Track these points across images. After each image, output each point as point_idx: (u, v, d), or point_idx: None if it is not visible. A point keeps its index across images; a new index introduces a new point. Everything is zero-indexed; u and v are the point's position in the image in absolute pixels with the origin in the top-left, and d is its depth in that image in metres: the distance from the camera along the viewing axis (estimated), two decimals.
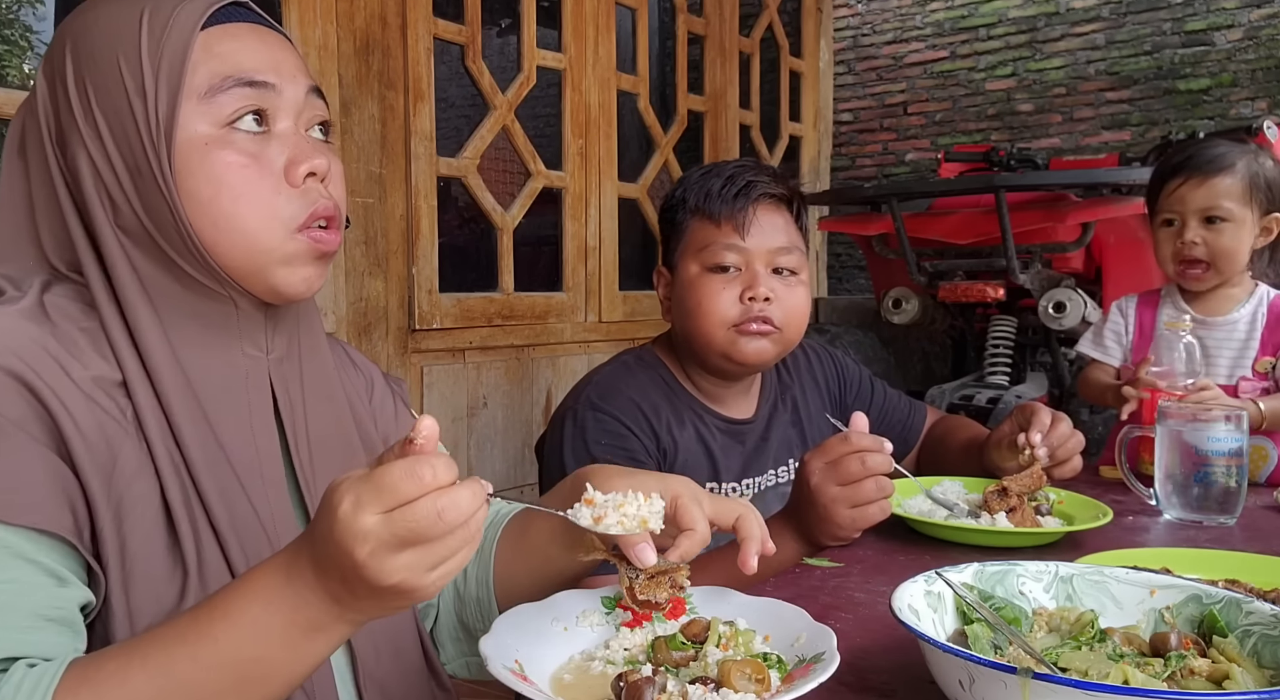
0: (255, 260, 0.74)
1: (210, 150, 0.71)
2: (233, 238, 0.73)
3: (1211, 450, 1.27)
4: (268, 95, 0.74)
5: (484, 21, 2.88)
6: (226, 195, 0.72)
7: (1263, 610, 0.69)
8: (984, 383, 3.33)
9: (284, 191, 0.74)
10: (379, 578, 0.54)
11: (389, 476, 0.54)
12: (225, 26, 0.74)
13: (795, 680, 0.64)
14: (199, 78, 0.71)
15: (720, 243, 1.25)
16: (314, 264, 0.77)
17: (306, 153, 0.75)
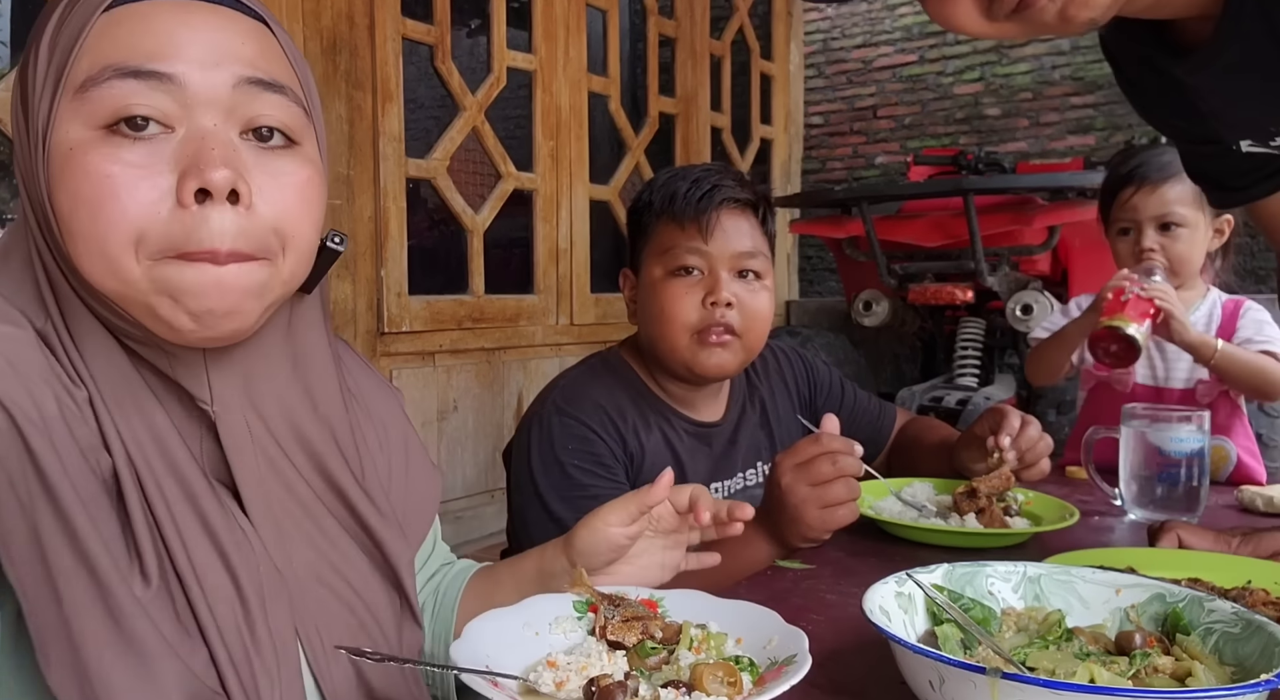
0: (128, 293, 0.59)
1: (73, 156, 0.58)
2: (95, 263, 0.58)
3: (1174, 451, 1.29)
4: (166, 90, 0.58)
5: (453, 22, 2.87)
6: (84, 212, 0.58)
7: (1224, 608, 0.70)
8: (953, 384, 3.36)
9: (163, 214, 0.58)
10: None
11: None
12: (141, 4, 0.60)
13: (767, 683, 0.64)
14: (79, 67, 0.58)
15: (683, 245, 1.25)
16: (207, 291, 0.59)
17: (206, 162, 0.58)
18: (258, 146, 0.62)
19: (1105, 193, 1.68)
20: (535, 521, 1.20)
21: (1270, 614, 0.81)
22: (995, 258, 3.15)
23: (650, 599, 0.77)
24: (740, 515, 0.88)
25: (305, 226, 0.64)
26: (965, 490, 1.23)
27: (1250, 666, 0.64)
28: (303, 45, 2.33)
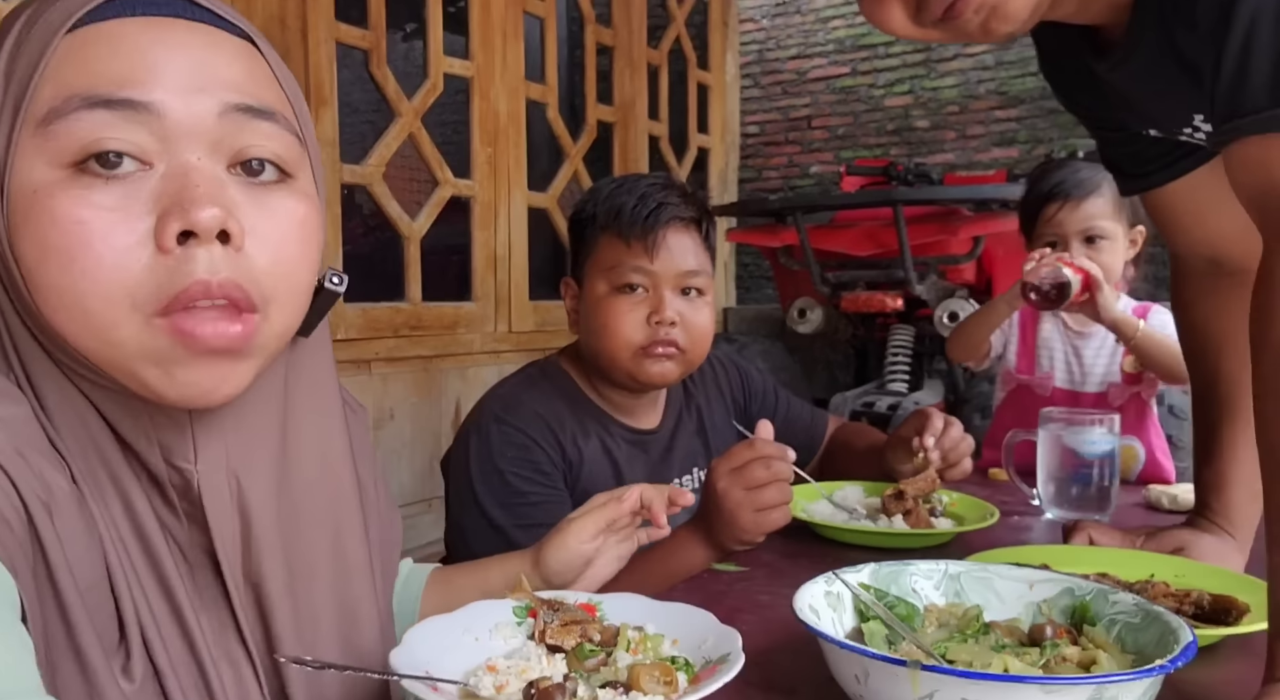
0: (110, 353, 0.53)
1: (37, 199, 0.50)
2: (73, 319, 0.52)
3: (1087, 452, 1.36)
4: (141, 120, 0.51)
5: (388, 26, 2.85)
6: (55, 263, 0.51)
7: (1126, 600, 0.75)
8: (884, 390, 3.45)
9: (143, 260, 0.51)
10: None
11: None
12: (109, 23, 0.52)
13: (702, 681, 0.66)
14: (41, 97, 0.51)
15: (629, 264, 1.26)
16: (204, 363, 0.53)
17: (190, 200, 0.51)
18: (247, 181, 0.56)
19: (1028, 208, 1.75)
20: (474, 529, 1.21)
21: (1170, 605, 0.86)
22: (923, 267, 3.25)
23: (589, 603, 0.79)
24: (682, 502, 0.95)
25: (302, 271, 0.58)
26: (893, 492, 1.28)
27: (1149, 653, 0.69)
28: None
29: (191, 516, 0.60)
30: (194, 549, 0.61)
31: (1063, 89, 1.02)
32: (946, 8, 0.76)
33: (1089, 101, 1.00)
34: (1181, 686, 0.75)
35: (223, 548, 0.60)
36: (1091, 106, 1.01)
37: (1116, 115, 0.97)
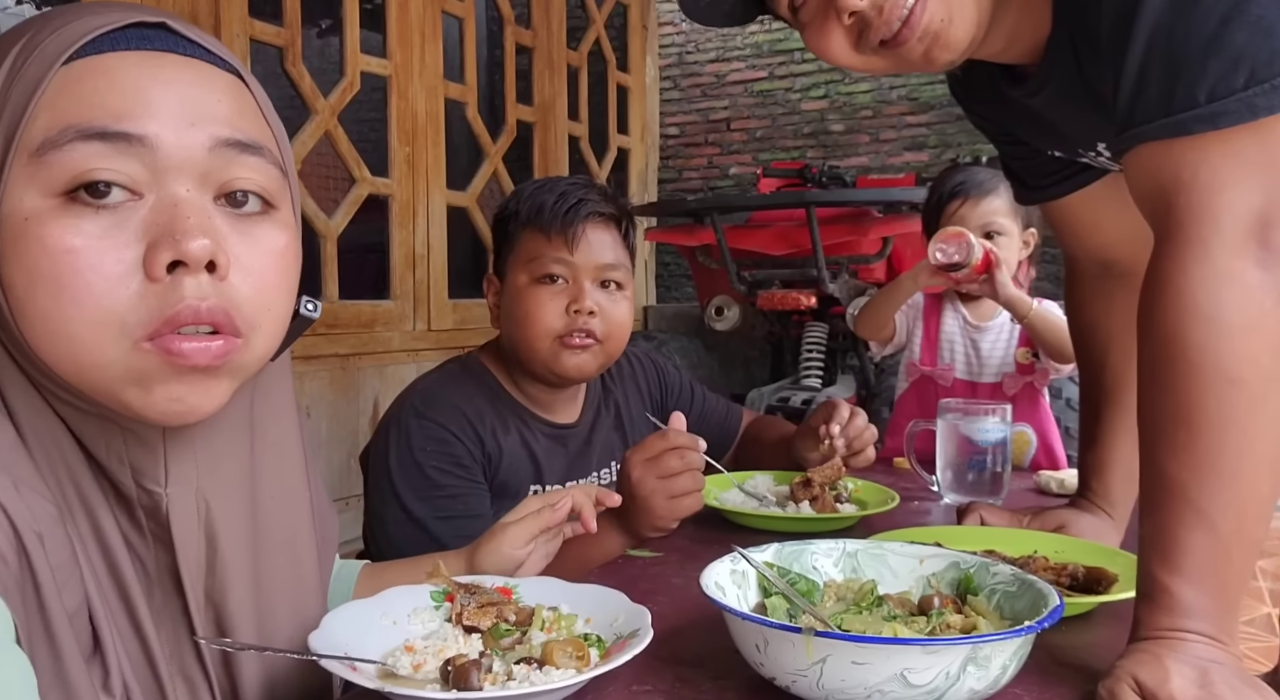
0: (91, 377, 0.54)
1: (29, 228, 0.52)
2: (58, 345, 0.53)
3: (981, 440, 1.44)
4: (134, 152, 0.53)
5: (303, 22, 2.81)
6: (43, 290, 0.52)
7: (1005, 571, 0.81)
8: (799, 385, 3.55)
9: (132, 288, 0.53)
10: None
11: None
12: (104, 56, 0.54)
13: (613, 655, 0.70)
14: (35, 127, 0.52)
15: (549, 255, 1.30)
16: (186, 380, 0.55)
17: (181, 232, 0.53)
18: (232, 213, 0.58)
19: (932, 206, 1.85)
20: (394, 522, 1.22)
21: (1049, 577, 0.94)
22: (836, 266, 3.36)
23: (505, 586, 0.82)
24: (609, 503, 1.02)
25: (281, 298, 0.61)
26: (801, 480, 1.33)
27: (1023, 618, 0.75)
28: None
29: (157, 536, 0.61)
30: (159, 568, 0.62)
31: (968, 102, 1.08)
32: (892, 35, 0.81)
33: (995, 118, 1.07)
34: (1055, 650, 0.82)
35: (186, 568, 0.61)
36: (997, 123, 1.08)
37: (1022, 134, 1.05)
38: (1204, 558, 0.68)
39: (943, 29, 0.81)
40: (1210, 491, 0.67)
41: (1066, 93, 0.86)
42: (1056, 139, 0.99)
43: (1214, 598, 0.68)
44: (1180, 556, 0.68)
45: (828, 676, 0.66)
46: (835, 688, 0.66)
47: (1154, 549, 0.70)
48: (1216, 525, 0.67)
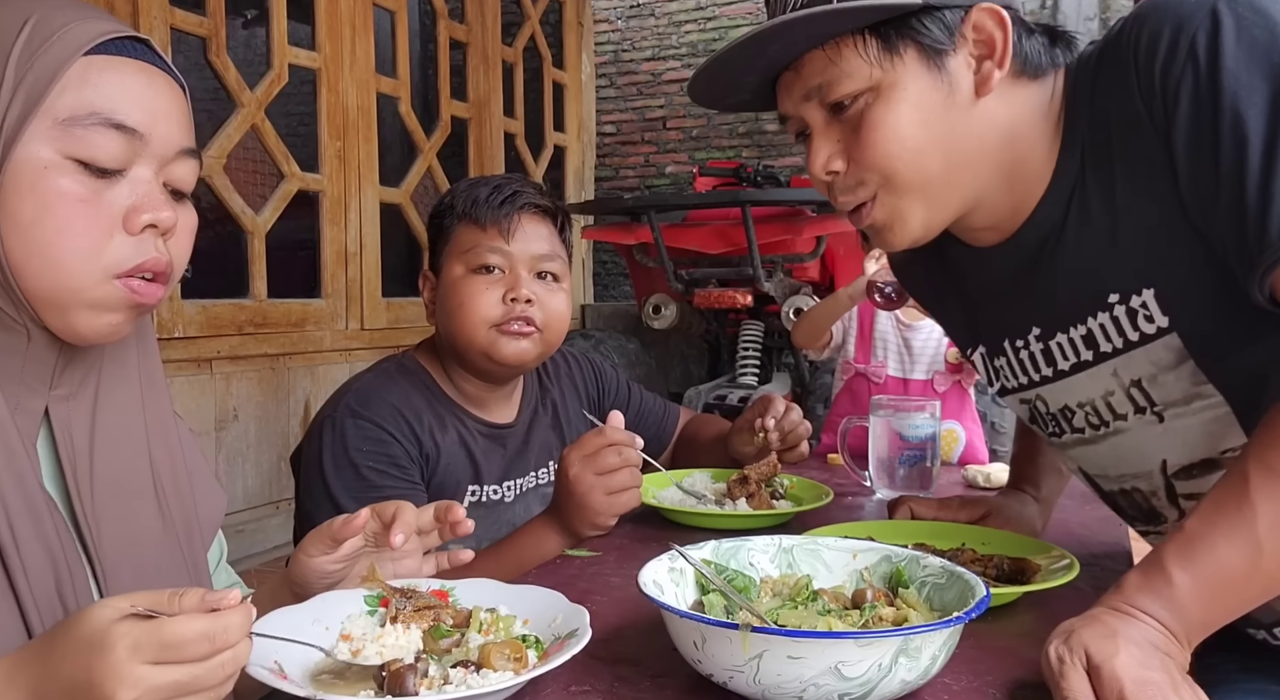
0: (61, 296, 0.69)
1: (47, 175, 0.67)
2: (44, 267, 0.68)
3: (912, 436, 1.47)
4: (132, 142, 0.70)
5: (227, 12, 2.73)
6: (51, 224, 0.67)
7: (934, 563, 0.83)
8: (736, 383, 3.58)
9: (117, 236, 0.70)
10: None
11: (181, 632, 0.55)
12: (114, 58, 0.70)
13: (551, 655, 0.70)
14: (64, 102, 0.67)
15: (485, 245, 1.29)
16: (124, 311, 0.72)
17: (154, 203, 0.71)
18: (170, 195, 0.75)
19: None
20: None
21: (976, 569, 0.96)
22: (771, 264, 3.39)
23: (441, 589, 0.81)
24: (452, 517, 0.88)
25: (187, 260, 0.78)
26: (737, 478, 1.35)
27: (952, 609, 0.77)
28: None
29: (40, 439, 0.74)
30: None
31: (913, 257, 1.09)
32: (849, 211, 0.88)
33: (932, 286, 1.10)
34: (982, 639, 0.84)
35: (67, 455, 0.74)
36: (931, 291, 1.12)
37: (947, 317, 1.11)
38: (1226, 577, 0.69)
39: (884, 229, 0.87)
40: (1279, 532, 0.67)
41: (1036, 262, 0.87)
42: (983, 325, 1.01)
43: (1205, 610, 0.70)
44: (1206, 563, 0.69)
45: (764, 672, 0.67)
46: (771, 683, 0.67)
47: (1184, 543, 0.70)
48: (1261, 561, 0.68)
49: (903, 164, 0.83)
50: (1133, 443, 0.88)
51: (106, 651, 0.54)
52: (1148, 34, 0.75)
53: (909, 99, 0.81)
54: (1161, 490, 0.89)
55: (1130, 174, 0.79)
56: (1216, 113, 0.71)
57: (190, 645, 0.55)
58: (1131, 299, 0.81)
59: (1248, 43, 0.70)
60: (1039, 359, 0.92)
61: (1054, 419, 0.95)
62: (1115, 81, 0.78)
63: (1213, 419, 0.81)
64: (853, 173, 0.86)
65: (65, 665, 0.56)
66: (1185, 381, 0.81)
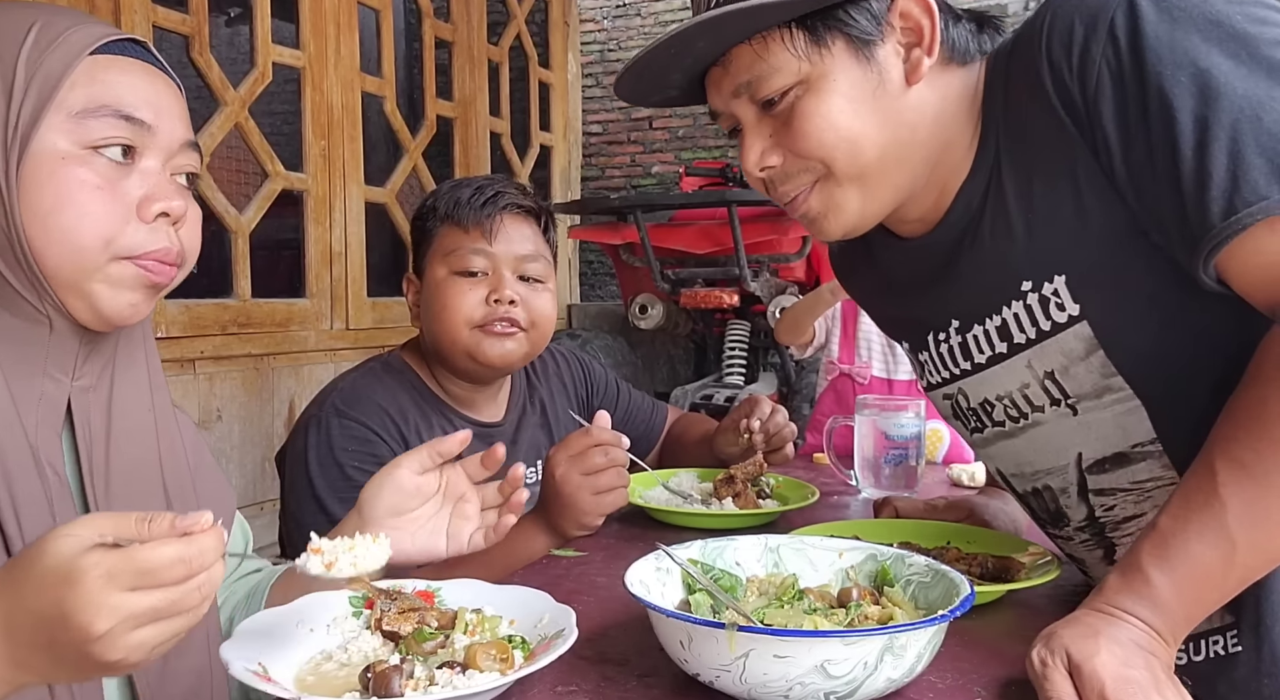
0: (80, 278, 0.73)
1: (65, 165, 0.71)
2: (64, 251, 0.71)
3: (898, 435, 1.48)
4: (141, 133, 0.74)
5: (210, 10, 2.71)
6: (71, 212, 0.71)
7: (919, 562, 0.83)
8: (722, 383, 3.58)
9: (132, 222, 0.74)
10: (105, 653, 0.54)
11: (156, 558, 0.54)
12: (116, 58, 0.75)
13: (537, 656, 0.69)
14: (74, 97, 0.72)
15: (468, 247, 1.29)
16: (142, 290, 0.76)
17: (165, 193, 0.75)
18: (181, 185, 0.79)
19: None
20: (313, 524, 1.18)
21: (961, 568, 0.97)
22: (757, 264, 3.40)
23: (427, 590, 0.81)
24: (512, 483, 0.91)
25: (199, 249, 0.82)
26: (724, 477, 1.35)
27: (937, 607, 0.77)
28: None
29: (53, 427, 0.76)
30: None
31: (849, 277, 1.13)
32: (786, 203, 0.88)
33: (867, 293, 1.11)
34: (967, 637, 0.85)
35: (85, 445, 0.76)
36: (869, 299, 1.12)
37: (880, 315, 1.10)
38: (1203, 573, 0.69)
39: (819, 218, 0.87)
40: (1252, 530, 0.67)
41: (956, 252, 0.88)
42: (907, 319, 1.01)
43: (1186, 607, 0.70)
44: (1181, 561, 0.69)
45: (750, 671, 0.67)
46: (758, 682, 0.67)
47: (1158, 542, 0.70)
48: (1235, 556, 0.68)
49: (840, 152, 0.82)
50: (1050, 435, 0.88)
51: (77, 582, 0.53)
52: (1061, 23, 0.75)
53: (839, 90, 0.81)
54: (1073, 486, 0.89)
55: (1041, 161, 0.79)
56: (1144, 96, 0.70)
57: (166, 570, 0.54)
58: (1044, 286, 0.81)
59: (1168, 22, 0.69)
60: (957, 352, 0.93)
61: (975, 413, 0.95)
62: (1027, 70, 0.78)
63: (1124, 412, 0.81)
64: (790, 163, 0.85)
65: (33, 599, 0.54)
66: (1095, 373, 0.81)
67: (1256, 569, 0.70)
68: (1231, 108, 0.67)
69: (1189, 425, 0.78)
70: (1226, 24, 0.68)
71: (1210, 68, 0.67)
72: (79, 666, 0.56)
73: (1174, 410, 0.80)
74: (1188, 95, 0.68)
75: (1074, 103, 0.75)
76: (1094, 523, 0.90)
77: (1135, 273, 0.77)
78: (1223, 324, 0.76)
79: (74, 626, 0.53)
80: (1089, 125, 0.74)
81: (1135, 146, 0.72)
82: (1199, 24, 0.69)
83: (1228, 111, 0.67)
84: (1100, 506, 0.88)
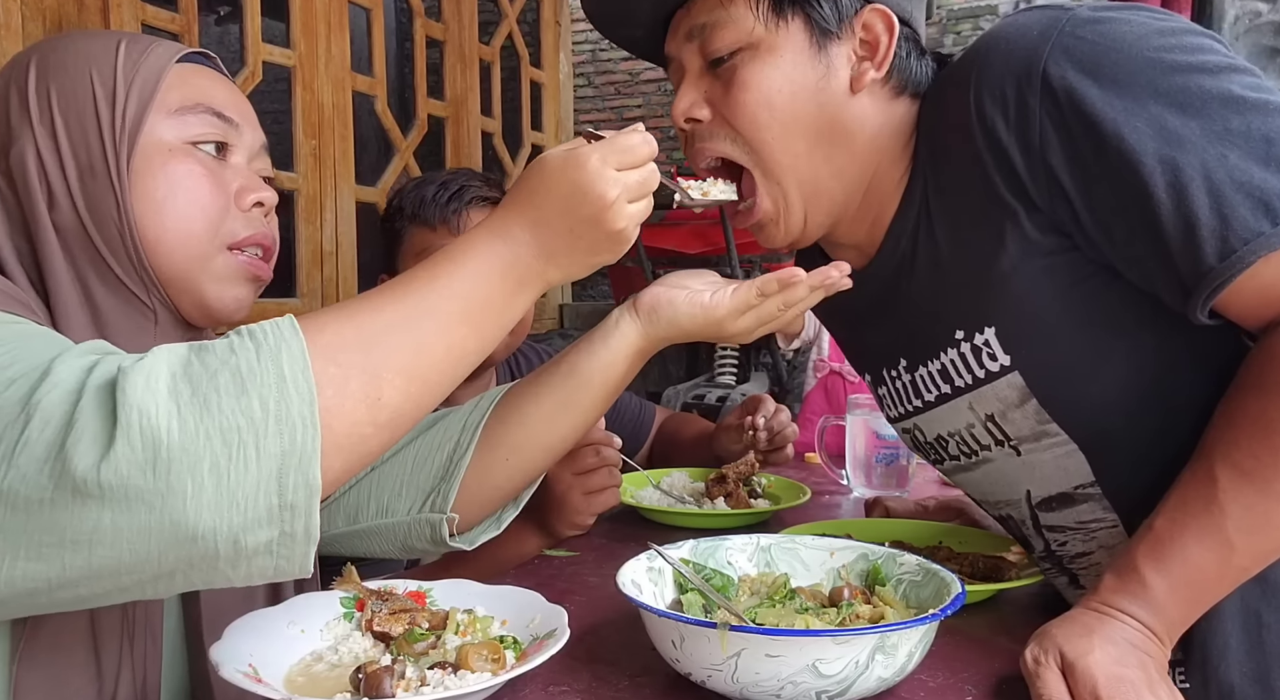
0: (190, 271, 0.77)
1: (174, 156, 0.76)
2: (177, 239, 0.76)
3: (889, 434, 1.48)
4: (231, 131, 0.80)
5: (200, 8, 2.70)
6: (183, 197, 0.76)
7: (910, 561, 0.83)
8: (714, 383, 3.59)
9: (232, 211, 0.79)
10: (615, 221, 0.68)
11: (629, 140, 0.69)
12: (196, 66, 0.81)
13: (529, 656, 0.69)
14: (171, 97, 0.77)
15: (436, 245, 1.29)
16: (246, 285, 0.81)
17: (257, 184, 0.82)
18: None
19: None
20: None
21: (952, 567, 0.97)
22: (749, 264, 3.41)
23: (418, 591, 0.81)
24: None
25: (278, 241, 0.86)
26: (716, 477, 1.35)
27: (928, 606, 0.77)
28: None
29: None
30: None
31: None
32: (740, 213, 0.88)
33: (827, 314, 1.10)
34: (958, 636, 0.85)
35: None
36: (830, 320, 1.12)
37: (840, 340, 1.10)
38: (1199, 576, 0.69)
39: (771, 220, 0.86)
40: (1250, 535, 0.67)
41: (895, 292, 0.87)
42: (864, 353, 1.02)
43: (1181, 608, 0.70)
44: (1177, 563, 0.69)
45: (742, 670, 0.67)
46: (749, 681, 0.67)
47: (1154, 544, 0.70)
48: (1231, 559, 0.68)
49: (770, 134, 0.82)
50: (1001, 471, 0.88)
51: (583, 164, 0.67)
52: (990, 77, 0.73)
53: (783, 68, 0.81)
54: (1029, 520, 0.89)
55: (967, 214, 0.79)
56: (1099, 144, 0.68)
57: (638, 149, 0.69)
58: (975, 336, 0.81)
59: (1108, 66, 0.68)
60: (908, 390, 0.92)
61: (931, 447, 0.95)
62: (956, 123, 0.77)
63: (1063, 455, 0.81)
64: (716, 123, 0.84)
65: (552, 188, 0.68)
66: (1031, 419, 0.81)
67: (1250, 572, 0.70)
68: (1194, 148, 0.66)
69: (1127, 470, 0.79)
70: (1164, 61, 0.67)
71: (1161, 112, 0.67)
72: (594, 243, 0.70)
73: (1111, 456, 0.80)
74: (1148, 140, 0.67)
75: (1009, 160, 0.73)
76: (1051, 555, 0.90)
77: (1067, 328, 0.76)
78: (1162, 376, 0.76)
79: (591, 197, 0.67)
80: (1035, 179, 0.73)
81: (1099, 195, 0.70)
82: (1138, 66, 0.68)
83: (1193, 152, 0.66)
84: (1054, 542, 0.89)
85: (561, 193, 0.68)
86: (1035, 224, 0.75)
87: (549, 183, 0.68)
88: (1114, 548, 0.83)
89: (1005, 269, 0.77)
